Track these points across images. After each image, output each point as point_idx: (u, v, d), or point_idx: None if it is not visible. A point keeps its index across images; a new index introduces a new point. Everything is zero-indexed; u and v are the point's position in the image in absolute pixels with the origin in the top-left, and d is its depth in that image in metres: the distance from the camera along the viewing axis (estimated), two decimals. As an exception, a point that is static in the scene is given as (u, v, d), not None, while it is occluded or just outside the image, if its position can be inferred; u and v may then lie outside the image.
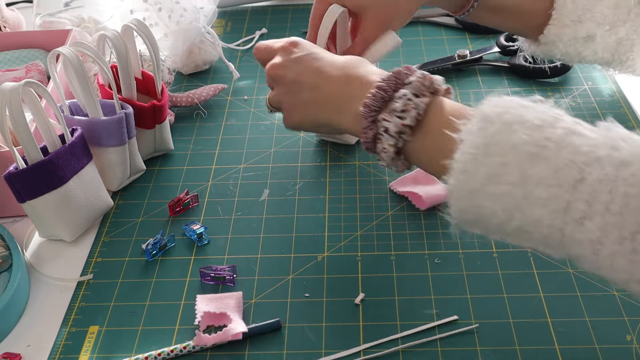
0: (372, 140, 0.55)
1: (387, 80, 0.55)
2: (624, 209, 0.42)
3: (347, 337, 0.57)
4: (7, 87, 0.59)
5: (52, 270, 0.66)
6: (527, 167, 0.45)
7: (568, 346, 0.55)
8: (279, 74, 0.63)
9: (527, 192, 0.45)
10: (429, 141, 0.53)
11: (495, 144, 0.47)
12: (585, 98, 0.84)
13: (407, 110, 0.52)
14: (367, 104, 0.55)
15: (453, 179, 0.48)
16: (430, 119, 0.53)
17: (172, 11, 0.87)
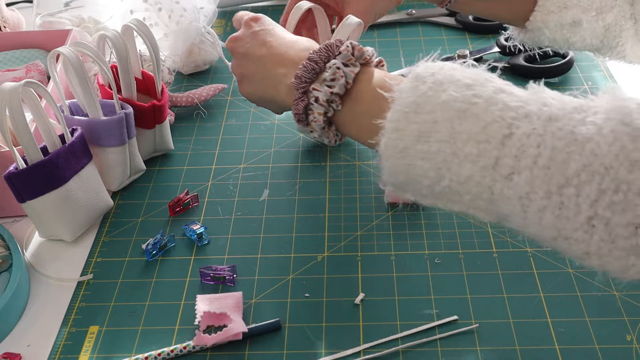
0: (303, 111, 0.56)
1: (318, 52, 0.55)
2: (551, 163, 0.42)
3: (347, 337, 0.57)
4: (7, 87, 0.59)
5: (52, 270, 0.66)
6: (456, 123, 0.45)
7: (568, 346, 0.55)
8: (234, 45, 0.65)
9: (456, 149, 0.45)
10: (360, 108, 0.54)
11: (426, 102, 0.47)
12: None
13: (336, 79, 0.53)
14: (298, 75, 0.55)
15: (385, 138, 0.49)
16: (360, 87, 0.54)
17: (172, 11, 0.87)
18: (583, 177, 0.41)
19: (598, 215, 0.40)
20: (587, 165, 0.40)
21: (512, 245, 0.65)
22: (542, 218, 0.43)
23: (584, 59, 0.91)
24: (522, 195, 0.43)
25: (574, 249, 0.43)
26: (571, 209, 0.41)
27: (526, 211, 0.44)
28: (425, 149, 0.47)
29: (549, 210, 0.42)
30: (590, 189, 0.40)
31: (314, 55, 0.55)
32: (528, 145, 0.43)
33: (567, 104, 0.44)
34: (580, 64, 0.90)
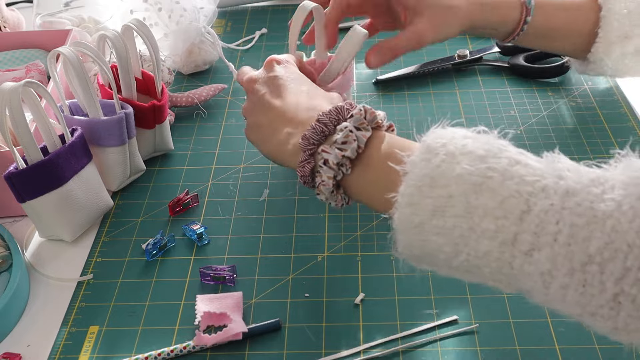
0: (309, 174, 0.54)
1: (328, 114, 0.54)
2: (571, 240, 0.41)
3: (347, 337, 0.57)
4: (7, 87, 0.59)
5: (52, 270, 0.66)
6: (472, 198, 0.44)
7: (568, 346, 0.55)
8: (250, 87, 0.63)
9: (473, 224, 0.44)
10: (370, 175, 0.52)
11: (439, 176, 0.46)
12: (585, 98, 0.84)
13: (348, 142, 0.52)
14: (307, 137, 0.54)
15: (398, 212, 0.47)
16: (372, 152, 0.52)
17: (172, 11, 0.87)
18: (606, 255, 0.40)
19: (624, 292, 0.40)
20: (609, 243, 0.40)
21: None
22: (566, 295, 0.42)
23: (584, 59, 0.91)
24: (543, 271, 0.42)
25: (600, 325, 0.42)
26: (595, 286, 0.41)
27: (548, 287, 0.43)
28: (441, 224, 0.45)
29: (572, 288, 0.42)
30: (614, 266, 0.40)
31: (323, 117, 0.54)
32: (547, 222, 0.42)
33: (583, 176, 0.43)
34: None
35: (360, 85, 0.90)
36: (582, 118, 0.81)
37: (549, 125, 0.80)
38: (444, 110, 0.84)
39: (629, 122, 0.79)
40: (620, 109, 0.82)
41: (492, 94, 0.86)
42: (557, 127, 0.79)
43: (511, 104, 0.84)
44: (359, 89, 0.89)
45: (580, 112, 0.82)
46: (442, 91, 0.87)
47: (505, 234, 0.43)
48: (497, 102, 0.84)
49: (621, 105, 0.83)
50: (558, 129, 0.79)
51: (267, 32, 1.03)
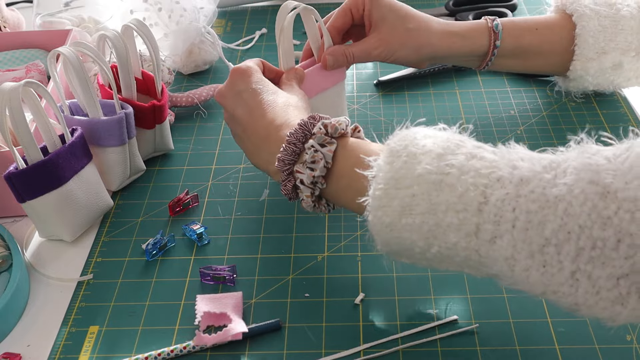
0: (292, 191, 0.57)
1: (295, 133, 0.56)
2: (528, 225, 0.44)
3: (347, 337, 0.57)
4: (7, 87, 0.59)
5: (52, 270, 0.66)
6: (434, 195, 0.47)
7: (568, 346, 0.55)
8: (221, 102, 0.67)
9: (438, 220, 0.47)
10: (344, 183, 0.55)
11: (403, 177, 0.48)
12: (585, 98, 0.84)
13: (316, 161, 0.55)
14: (281, 159, 0.57)
15: (370, 215, 0.50)
16: (340, 163, 0.55)
17: (172, 11, 0.87)
18: (561, 237, 0.42)
19: (580, 269, 0.42)
20: (562, 226, 0.42)
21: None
22: (529, 276, 0.45)
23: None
24: (507, 256, 0.45)
25: (562, 301, 0.44)
26: (554, 265, 0.43)
27: (513, 270, 0.45)
28: (410, 222, 0.48)
29: (533, 269, 0.44)
30: (569, 247, 0.42)
31: (291, 138, 0.56)
32: (504, 210, 0.45)
33: (536, 163, 0.45)
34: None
35: (361, 86, 0.90)
36: (582, 118, 0.81)
37: (549, 125, 0.80)
38: (444, 110, 0.84)
39: (629, 122, 0.79)
40: (620, 108, 0.82)
41: (492, 94, 0.86)
42: (557, 127, 0.79)
43: (511, 103, 0.84)
44: (359, 89, 0.89)
45: (580, 112, 0.82)
46: (442, 91, 0.87)
47: (468, 226, 0.46)
48: (497, 102, 0.84)
49: (621, 105, 0.83)
50: (558, 129, 0.79)
51: (267, 32, 1.03)
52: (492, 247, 0.46)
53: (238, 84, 0.65)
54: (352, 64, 0.74)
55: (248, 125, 0.62)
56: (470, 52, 0.75)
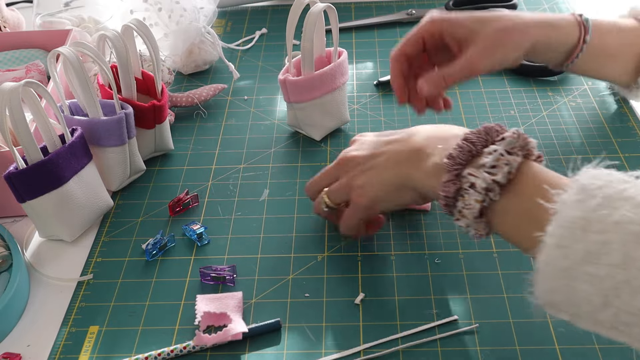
0: (453, 195, 0.51)
1: (477, 134, 0.52)
2: None
3: (347, 337, 0.57)
4: (7, 87, 0.59)
5: (52, 270, 0.66)
6: (632, 248, 0.41)
7: (568, 346, 0.55)
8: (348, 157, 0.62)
9: (630, 277, 0.41)
10: (518, 206, 0.49)
11: (596, 220, 0.42)
12: (585, 98, 0.84)
13: (499, 166, 0.49)
14: (453, 156, 0.51)
15: (545, 254, 0.44)
16: (521, 180, 0.49)
17: (172, 11, 0.87)
18: None
19: None
20: None
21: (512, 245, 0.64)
22: None
23: (584, 59, 0.91)
24: None
25: None
26: None
27: None
28: (593, 271, 0.42)
29: None
30: None
31: (471, 136, 0.51)
32: None
33: None
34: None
35: (361, 86, 0.90)
36: (582, 118, 0.81)
37: (549, 125, 0.80)
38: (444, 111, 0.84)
39: (629, 122, 0.79)
40: (620, 109, 0.82)
41: (492, 94, 0.86)
42: (557, 127, 0.79)
43: (511, 104, 0.84)
44: (359, 89, 0.89)
45: (580, 112, 0.82)
46: (442, 91, 0.87)
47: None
48: (497, 102, 0.84)
49: (621, 105, 0.83)
50: (558, 129, 0.79)
51: (267, 32, 1.03)
52: None
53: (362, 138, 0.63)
54: (449, 87, 0.68)
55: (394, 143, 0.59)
56: (562, 43, 0.70)
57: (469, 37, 0.67)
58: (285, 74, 0.76)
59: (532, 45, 0.68)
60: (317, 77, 0.74)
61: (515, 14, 0.69)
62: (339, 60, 0.76)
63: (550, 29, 0.69)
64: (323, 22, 0.74)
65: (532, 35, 0.67)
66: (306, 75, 0.74)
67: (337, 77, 0.76)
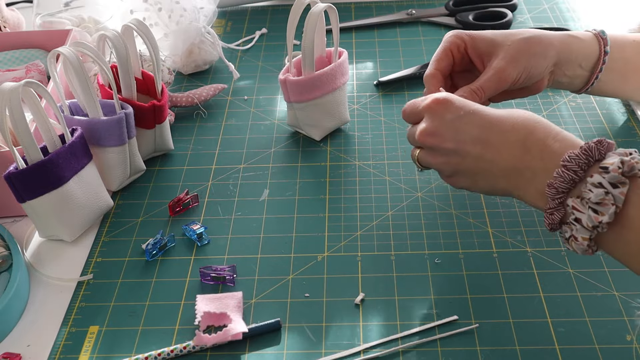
0: (558, 222, 0.50)
1: (577, 159, 0.48)
2: None
3: (347, 337, 0.57)
4: (7, 87, 0.59)
5: (52, 270, 0.66)
6: None
7: (568, 346, 0.55)
8: (432, 142, 0.58)
9: None
10: (630, 237, 0.47)
11: None
12: (585, 98, 0.84)
13: (604, 204, 0.46)
14: (553, 185, 0.49)
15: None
16: (630, 211, 0.46)
17: (172, 11, 0.87)
18: None
19: None
20: None
21: (512, 245, 0.65)
22: None
23: (584, 59, 0.91)
24: None
25: None
26: None
27: None
28: None
29: None
30: None
31: (571, 164, 0.48)
32: None
33: None
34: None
35: (361, 86, 0.90)
36: (582, 118, 0.81)
37: (549, 125, 0.80)
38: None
39: (629, 122, 0.79)
40: (620, 109, 0.82)
41: (492, 94, 0.86)
42: (557, 127, 0.79)
43: (511, 104, 0.84)
44: (359, 89, 0.89)
45: (580, 112, 0.82)
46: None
47: None
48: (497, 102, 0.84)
49: (621, 105, 0.83)
50: (558, 129, 0.79)
51: (267, 32, 1.03)
52: None
53: (445, 115, 0.56)
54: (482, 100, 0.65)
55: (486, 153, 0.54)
56: (585, 56, 0.68)
57: (492, 50, 0.67)
58: (286, 73, 0.76)
59: (557, 55, 0.67)
60: (317, 77, 0.74)
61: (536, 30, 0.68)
62: (339, 61, 0.76)
63: (572, 40, 0.68)
64: (324, 22, 0.74)
65: (556, 46, 0.67)
66: (307, 75, 0.74)
67: (338, 77, 0.76)
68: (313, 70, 0.74)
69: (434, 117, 0.57)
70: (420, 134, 0.58)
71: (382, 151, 0.77)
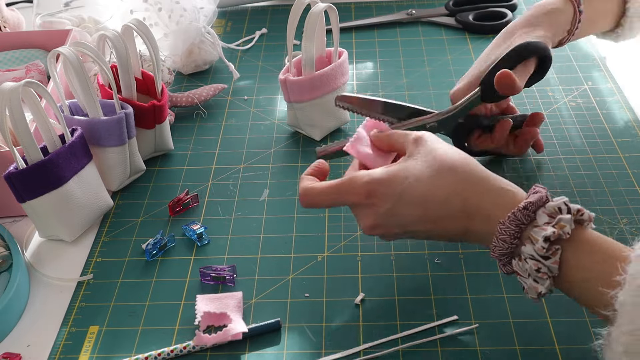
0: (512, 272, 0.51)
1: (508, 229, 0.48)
2: None
3: (347, 337, 0.57)
4: (7, 87, 0.59)
5: (52, 270, 0.66)
6: None
7: (568, 346, 0.55)
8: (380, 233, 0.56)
9: None
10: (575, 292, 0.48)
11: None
12: (585, 98, 0.84)
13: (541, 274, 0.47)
14: (495, 252, 0.50)
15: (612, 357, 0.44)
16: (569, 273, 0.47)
17: (172, 11, 0.87)
18: None
19: None
20: None
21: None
22: None
23: (584, 59, 0.91)
24: None
25: None
26: None
27: None
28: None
29: None
30: None
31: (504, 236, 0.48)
32: None
33: None
34: (580, 64, 0.90)
35: (360, 86, 0.90)
36: (582, 118, 0.81)
37: (549, 125, 0.80)
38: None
39: (629, 122, 0.79)
40: (620, 109, 0.82)
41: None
42: (557, 127, 0.79)
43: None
44: (359, 89, 0.89)
45: (580, 112, 0.82)
46: (444, 91, 0.87)
47: None
48: (497, 102, 0.84)
49: (621, 105, 0.83)
50: (558, 129, 0.79)
51: (267, 32, 1.03)
52: None
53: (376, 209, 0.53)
54: None
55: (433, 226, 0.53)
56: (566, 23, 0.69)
57: None
58: (286, 73, 0.76)
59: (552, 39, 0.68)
60: (317, 77, 0.74)
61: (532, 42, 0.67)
62: (339, 61, 0.76)
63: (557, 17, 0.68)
64: (324, 22, 0.74)
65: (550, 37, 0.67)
66: (307, 75, 0.74)
67: (338, 77, 0.76)
68: (313, 70, 0.74)
69: (368, 213, 0.54)
70: (365, 231, 0.56)
71: (382, 151, 0.77)
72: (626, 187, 0.70)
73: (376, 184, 0.53)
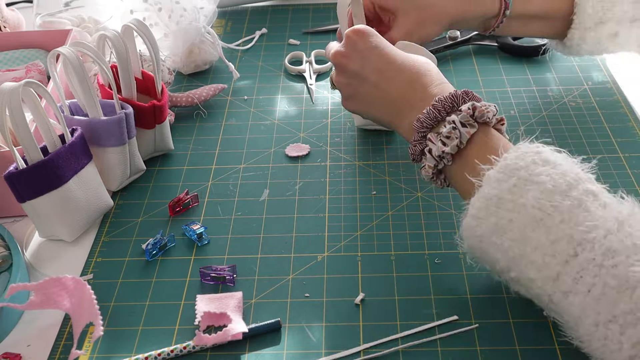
0: (419, 154, 0.58)
1: (444, 101, 0.56)
2: (602, 297, 0.44)
3: (347, 337, 0.57)
4: (7, 87, 0.59)
5: (52, 270, 0.66)
6: (529, 229, 0.48)
7: (568, 346, 0.55)
8: (341, 62, 0.66)
9: (524, 252, 0.48)
10: (463, 172, 0.55)
11: (507, 200, 0.49)
12: (585, 98, 0.84)
13: (451, 137, 0.55)
14: (420, 120, 0.57)
15: (465, 220, 0.52)
16: (470, 150, 0.55)
17: (172, 11, 0.87)
18: (629, 319, 0.42)
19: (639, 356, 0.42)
20: (634, 310, 0.42)
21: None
22: (590, 341, 0.45)
23: (584, 59, 0.91)
24: (575, 315, 0.46)
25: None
26: (614, 343, 0.43)
27: (577, 330, 0.46)
28: (498, 242, 0.50)
29: (595, 338, 0.45)
30: (633, 331, 0.42)
31: (438, 104, 0.56)
32: (587, 273, 0.45)
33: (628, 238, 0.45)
34: (580, 63, 0.90)
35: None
36: (582, 118, 0.81)
37: (549, 125, 0.80)
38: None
39: (629, 122, 0.79)
40: (620, 109, 0.82)
41: (492, 94, 0.86)
42: (557, 127, 0.79)
43: (511, 104, 0.84)
44: (359, 89, 0.89)
45: (580, 112, 0.82)
46: (442, 91, 0.87)
47: (549, 270, 0.47)
48: (497, 102, 0.84)
49: (621, 105, 0.83)
50: (558, 129, 0.79)
51: (267, 32, 1.03)
52: (565, 300, 0.47)
53: (359, 44, 0.64)
54: None
55: (381, 82, 0.62)
56: (481, 16, 0.76)
57: (399, 9, 0.73)
58: None
59: (451, 20, 0.74)
60: None
61: None
62: None
63: (469, 5, 0.74)
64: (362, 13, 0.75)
65: (450, 14, 0.74)
66: None
67: None
68: None
69: (349, 43, 0.65)
70: (334, 54, 0.66)
71: (382, 151, 0.77)
72: (626, 187, 0.70)
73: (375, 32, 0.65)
